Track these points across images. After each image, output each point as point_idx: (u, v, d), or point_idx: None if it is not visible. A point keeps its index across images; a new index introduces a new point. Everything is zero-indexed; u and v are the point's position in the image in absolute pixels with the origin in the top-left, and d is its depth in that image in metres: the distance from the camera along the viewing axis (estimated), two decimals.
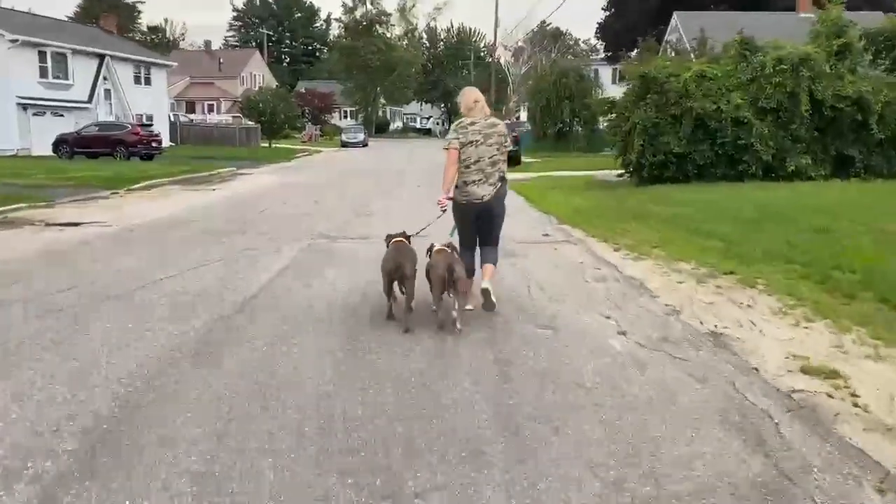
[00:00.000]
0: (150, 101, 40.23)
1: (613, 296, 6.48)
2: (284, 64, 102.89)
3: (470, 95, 5.87)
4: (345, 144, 50.62)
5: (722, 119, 15.44)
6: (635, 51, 30.32)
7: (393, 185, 19.33)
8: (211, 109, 60.99)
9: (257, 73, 64.50)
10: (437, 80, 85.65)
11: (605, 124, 17.89)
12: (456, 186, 5.77)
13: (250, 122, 45.06)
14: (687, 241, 8.98)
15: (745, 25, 18.06)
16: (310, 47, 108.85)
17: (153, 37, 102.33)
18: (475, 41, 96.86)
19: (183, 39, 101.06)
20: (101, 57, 36.57)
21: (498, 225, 5.91)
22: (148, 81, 40.52)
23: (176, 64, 44.28)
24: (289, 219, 11.81)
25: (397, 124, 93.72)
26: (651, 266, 7.73)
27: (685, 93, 15.62)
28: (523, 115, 54.02)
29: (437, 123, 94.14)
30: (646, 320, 5.65)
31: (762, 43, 16.62)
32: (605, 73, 44.69)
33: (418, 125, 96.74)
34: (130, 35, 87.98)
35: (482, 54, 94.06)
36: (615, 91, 47.70)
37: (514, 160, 28.59)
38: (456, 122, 5.85)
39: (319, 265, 7.85)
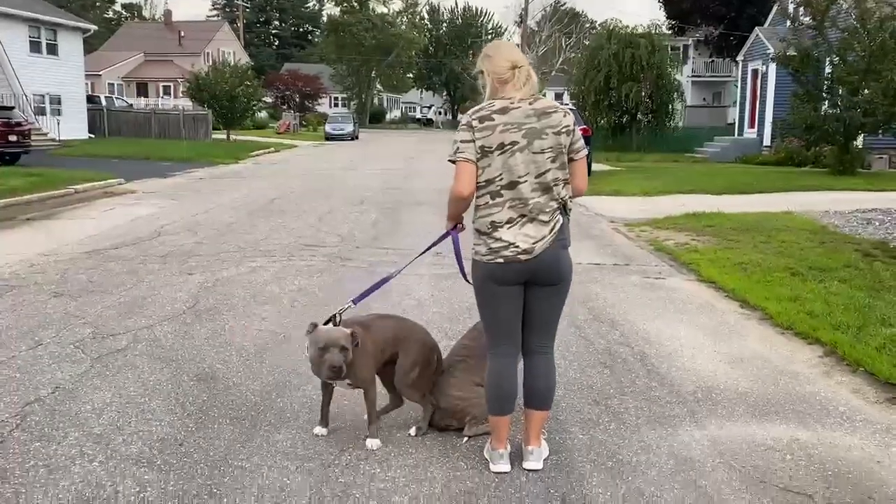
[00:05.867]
0: (58, 78, 29.14)
1: None
2: (273, 47, 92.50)
3: (505, 53, 2.78)
4: (329, 137, 40.65)
5: None
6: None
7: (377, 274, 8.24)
8: (167, 92, 49.86)
9: (226, 50, 53.31)
10: (440, 64, 75.02)
11: None
12: (479, 233, 2.78)
13: (201, 109, 34.14)
14: None
15: None
16: (300, 29, 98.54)
17: (129, 15, 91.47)
18: (483, 22, 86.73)
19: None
20: None
21: (560, 302, 2.86)
22: (52, 50, 29.38)
23: (95, 28, 33.00)
24: None
25: (395, 113, 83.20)
26: None
27: None
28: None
29: (439, 113, 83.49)
30: None
31: None
32: None
33: (418, 115, 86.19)
34: (107, 16, 77.34)
35: (491, 34, 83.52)
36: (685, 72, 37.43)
37: None
38: (471, 111, 2.73)
39: None
